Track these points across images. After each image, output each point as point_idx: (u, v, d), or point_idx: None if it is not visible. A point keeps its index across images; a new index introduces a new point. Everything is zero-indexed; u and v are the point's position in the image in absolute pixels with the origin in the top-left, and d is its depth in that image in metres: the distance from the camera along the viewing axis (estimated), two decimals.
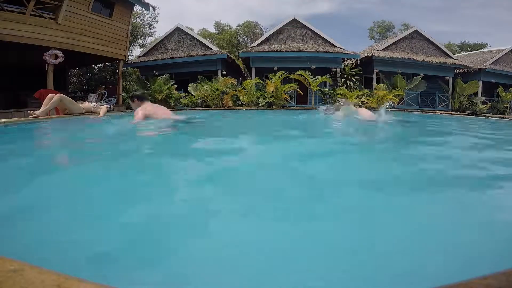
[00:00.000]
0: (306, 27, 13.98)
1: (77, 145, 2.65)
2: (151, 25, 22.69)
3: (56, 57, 8.21)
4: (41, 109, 4.69)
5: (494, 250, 0.77)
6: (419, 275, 0.66)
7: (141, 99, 3.84)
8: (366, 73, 13.53)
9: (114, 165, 1.74)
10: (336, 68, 13.27)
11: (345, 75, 12.56)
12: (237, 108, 10.37)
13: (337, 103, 5.13)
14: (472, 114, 9.96)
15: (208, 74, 12.51)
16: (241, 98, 10.96)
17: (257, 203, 1.06)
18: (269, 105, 10.92)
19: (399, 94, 11.40)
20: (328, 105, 7.22)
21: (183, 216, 0.95)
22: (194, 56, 12.59)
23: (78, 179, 1.40)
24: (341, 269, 0.66)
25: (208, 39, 23.24)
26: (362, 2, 60.49)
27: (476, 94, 13.10)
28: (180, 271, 0.66)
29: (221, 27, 28.97)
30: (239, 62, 16.24)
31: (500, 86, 12.86)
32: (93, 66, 16.57)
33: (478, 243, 0.80)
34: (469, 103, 12.27)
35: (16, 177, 1.43)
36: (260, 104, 10.84)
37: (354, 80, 12.46)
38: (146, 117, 3.58)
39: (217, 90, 10.94)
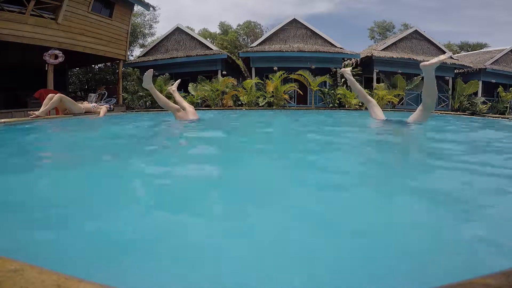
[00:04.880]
0: (306, 27, 13.98)
1: (76, 144, 2.65)
2: (151, 25, 22.71)
3: (56, 57, 8.20)
4: (41, 109, 4.69)
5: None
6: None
7: None
8: (366, 73, 13.53)
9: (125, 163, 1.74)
10: (336, 68, 13.26)
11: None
12: (237, 108, 10.36)
13: None
14: (472, 114, 9.94)
15: (208, 74, 12.51)
16: (241, 98, 10.96)
17: None
18: (269, 105, 10.92)
19: (399, 94, 11.40)
20: None
21: None
22: (194, 56, 12.59)
23: (78, 178, 1.40)
24: None
25: (208, 39, 23.27)
26: (361, 2, 60.47)
27: (476, 94, 13.09)
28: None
29: (225, 27, 29.02)
30: (239, 62, 16.24)
31: (500, 86, 12.85)
32: (93, 66, 16.58)
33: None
34: (469, 103, 12.26)
35: (15, 177, 1.43)
36: (260, 104, 10.84)
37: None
38: None
39: (217, 90, 10.94)
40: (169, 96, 7.78)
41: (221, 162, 1.85)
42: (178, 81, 5.03)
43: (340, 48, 13.21)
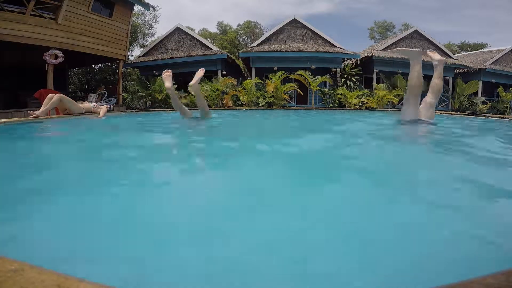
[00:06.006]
0: (306, 27, 13.98)
1: (76, 143, 2.65)
2: (151, 25, 22.70)
3: (56, 57, 8.21)
4: (41, 109, 4.69)
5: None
6: None
7: None
8: (366, 73, 13.53)
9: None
10: (336, 68, 13.26)
11: (345, 75, 12.55)
12: (237, 108, 10.36)
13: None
14: (472, 114, 9.95)
15: (208, 74, 12.49)
16: (241, 98, 10.96)
17: None
18: (269, 105, 10.92)
19: (399, 94, 11.40)
20: None
21: None
22: (194, 56, 12.59)
23: (78, 178, 1.40)
24: None
25: (208, 39, 23.26)
26: (361, 2, 60.50)
27: (476, 94, 13.10)
28: None
29: (223, 27, 29.01)
30: (239, 62, 16.23)
31: (500, 86, 12.85)
32: (93, 66, 16.58)
33: None
34: (469, 103, 12.26)
35: (16, 177, 1.43)
36: (260, 104, 10.84)
37: (354, 80, 12.45)
38: None
39: (217, 90, 10.94)
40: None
41: None
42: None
43: (340, 48, 13.20)
